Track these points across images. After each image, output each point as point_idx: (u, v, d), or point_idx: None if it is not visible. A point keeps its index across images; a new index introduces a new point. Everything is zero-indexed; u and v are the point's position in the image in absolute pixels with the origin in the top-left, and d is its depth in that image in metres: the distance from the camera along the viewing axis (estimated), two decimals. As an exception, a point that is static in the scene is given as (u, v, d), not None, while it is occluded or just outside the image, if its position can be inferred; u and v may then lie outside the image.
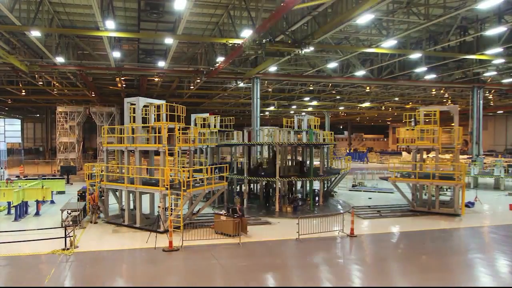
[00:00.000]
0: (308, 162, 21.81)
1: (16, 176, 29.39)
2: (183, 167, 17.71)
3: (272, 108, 58.04)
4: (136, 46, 28.68)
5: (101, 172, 17.86)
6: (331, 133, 25.15)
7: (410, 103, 54.08)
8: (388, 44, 21.97)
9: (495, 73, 32.53)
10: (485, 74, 33.52)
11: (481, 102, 36.39)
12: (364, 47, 23.82)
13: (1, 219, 17.98)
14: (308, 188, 22.04)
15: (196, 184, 16.54)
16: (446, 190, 24.24)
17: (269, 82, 37.58)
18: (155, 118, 17.71)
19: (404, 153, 58.62)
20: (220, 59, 25.92)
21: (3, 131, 70.77)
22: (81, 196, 19.62)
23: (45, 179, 24.49)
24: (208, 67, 28.33)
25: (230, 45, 22.34)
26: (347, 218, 16.16)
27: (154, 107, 17.67)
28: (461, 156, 24.81)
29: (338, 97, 49.26)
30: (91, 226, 16.52)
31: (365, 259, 13.06)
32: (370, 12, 16.52)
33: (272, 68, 28.68)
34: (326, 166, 23.11)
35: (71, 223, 15.21)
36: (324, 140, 23.23)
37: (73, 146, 41.22)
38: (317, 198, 21.89)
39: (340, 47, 25.25)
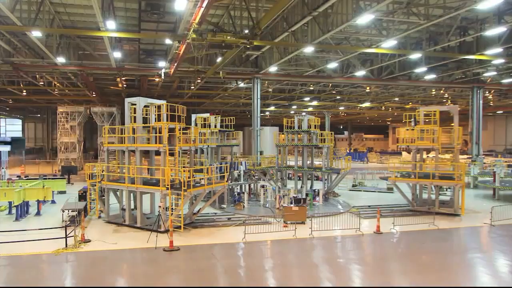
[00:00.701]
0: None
1: (17, 176, 29.47)
2: (183, 167, 17.77)
3: (272, 108, 58.12)
4: (137, 46, 28.77)
5: (102, 172, 17.92)
6: (331, 133, 25.21)
7: (410, 103, 54.12)
8: (388, 45, 22.02)
9: (494, 73, 32.58)
10: (485, 74, 33.58)
11: (480, 102, 36.43)
12: (364, 47, 23.88)
13: (2, 219, 18.03)
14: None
15: (197, 184, 16.60)
16: (446, 190, 24.28)
17: (270, 82, 37.64)
18: (155, 118, 17.76)
19: (404, 153, 58.66)
20: (221, 59, 25.95)
21: (4, 131, 70.83)
22: (82, 196, 19.65)
23: (46, 179, 24.55)
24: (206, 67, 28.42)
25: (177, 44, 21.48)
26: (348, 218, 16.27)
27: (155, 107, 17.72)
28: (460, 156, 24.84)
29: (338, 97, 49.32)
30: (92, 226, 16.58)
31: (365, 258, 13.11)
32: (370, 12, 16.60)
33: (273, 68, 28.75)
34: (326, 165, 23.17)
35: (69, 222, 15.27)
36: (324, 140, 23.34)
37: (74, 146, 41.28)
38: (317, 198, 21.92)
39: (340, 47, 25.31)
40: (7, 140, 31.52)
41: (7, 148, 30.06)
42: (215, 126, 24.11)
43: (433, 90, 43.17)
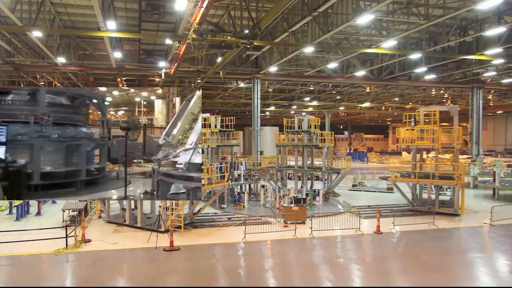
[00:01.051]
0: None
1: (17, 176, 29.40)
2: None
3: (272, 108, 58.14)
4: (137, 46, 28.79)
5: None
6: (331, 133, 25.22)
7: (410, 103, 54.14)
8: (388, 45, 22.03)
9: (494, 73, 32.61)
10: (485, 74, 33.60)
11: (480, 102, 36.46)
12: (364, 47, 23.90)
13: (3, 219, 18.04)
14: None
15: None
16: (446, 190, 24.28)
17: (270, 82, 37.66)
18: (156, 118, 17.78)
19: (404, 153, 58.61)
20: (221, 59, 26.00)
21: (4, 131, 70.84)
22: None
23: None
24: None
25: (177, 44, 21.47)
26: (348, 218, 16.30)
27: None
28: (460, 156, 24.85)
29: (338, 97, 49.37)
30: (92, 226, 16.59)
31: (365, 258, 13.13)
32: (370, 12, 16.63)
33: (273, 68, 28.78)
34: (326, 165, 23.19)
35: (69, 222, 15.28)
36: (324, 140, 23.37)
37: (74, 146, 41.25)
38: (317, 198, 21.94)
39: (340, 48, 25.33)
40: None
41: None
42: (215, 126, 24.12)
43: (433, 90, 43.19)
